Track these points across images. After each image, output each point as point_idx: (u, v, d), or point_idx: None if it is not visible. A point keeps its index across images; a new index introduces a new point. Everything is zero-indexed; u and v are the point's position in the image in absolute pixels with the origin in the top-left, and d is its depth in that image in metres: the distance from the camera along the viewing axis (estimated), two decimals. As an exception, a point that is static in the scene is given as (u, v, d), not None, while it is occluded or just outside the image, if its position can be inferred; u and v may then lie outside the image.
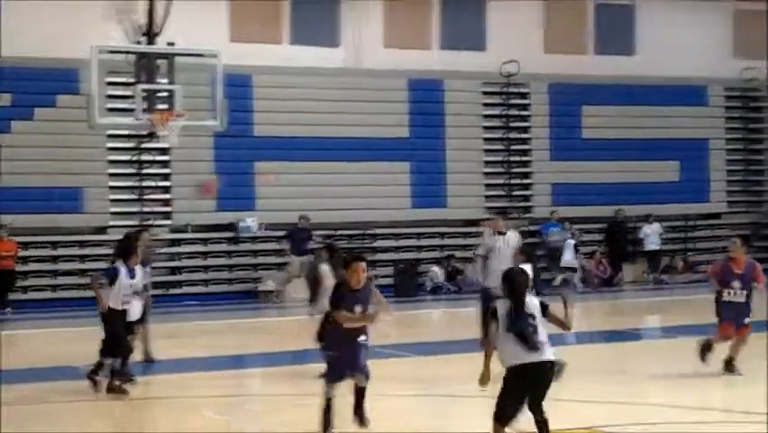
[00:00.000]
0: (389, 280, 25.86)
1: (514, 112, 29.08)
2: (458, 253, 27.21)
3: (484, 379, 9.00)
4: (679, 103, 30.26)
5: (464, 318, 22.14)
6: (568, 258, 26.72)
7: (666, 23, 30.21)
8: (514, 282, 8.91)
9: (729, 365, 13.58)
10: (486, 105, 28.90)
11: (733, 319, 13.47)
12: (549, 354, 8.77)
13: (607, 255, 28.48)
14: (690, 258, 29.37)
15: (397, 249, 27.06)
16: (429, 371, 14.88)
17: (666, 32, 30.12)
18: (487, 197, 28.52)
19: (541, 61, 29.01)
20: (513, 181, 28.91)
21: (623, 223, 28.67)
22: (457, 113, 28.44)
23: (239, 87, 25.30)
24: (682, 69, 29.90)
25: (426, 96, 28.24)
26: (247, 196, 26.36)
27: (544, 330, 8.81)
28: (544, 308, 8.88)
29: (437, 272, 26.96)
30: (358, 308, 10.29)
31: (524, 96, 29.24)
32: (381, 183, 27.39)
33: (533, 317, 8.77)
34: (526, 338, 8.67)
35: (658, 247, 28.87)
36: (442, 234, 27.92)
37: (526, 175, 29.10)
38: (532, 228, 27.98)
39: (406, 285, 26.28)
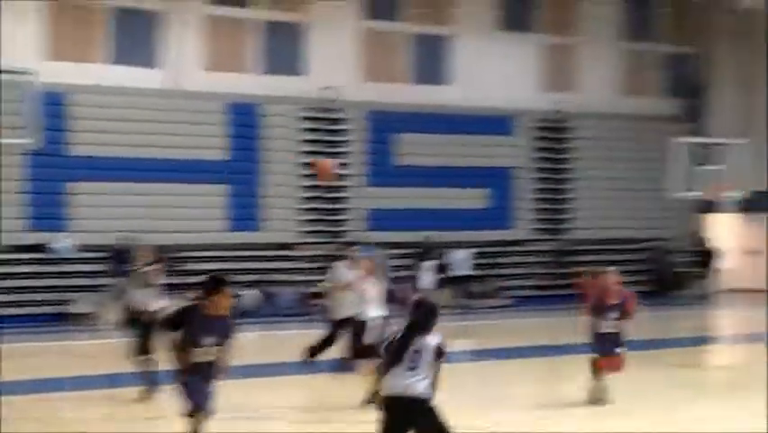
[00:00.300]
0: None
1: (331, 137, 29.56)
2: (272, 277, 27.45)
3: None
4: (489, 132, 31.29)
5: (278, 341, 22.42)
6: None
7: (481, 55, 31.21)
8: (418, 315, 8.76)
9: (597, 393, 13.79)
10: (304, 129, 29.24)
11: (608, 351, 13.72)
12: (420, 391, 8.50)
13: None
14: (497, 284, 30.28)
15: (211, 272, 26.96)
16: (243, 394, 15.00)
17: (480, 64, 31.14)
18: (302, 221, 28.86)
19: (360, 89, 29.59)
20: (328, 206, 29.35)
21: (432, 248, 29.36)
22: (275, 137, 28.71)
23: (54, 105, 24.98)
24: (494, 99, 30.95)
25: (244, 120, 28.40)
26: (60, 216, 25.97)
27: (426, 370, 8.55)
28: (439, 352, 8.62)
29: (251, 296, 27.07)
30: (210, 340, 9.07)
31: (341, 121, 29.74)
32: (198, 205, 27.39)
33: (420, 352, 8.57)
34: (405, 370, 8.51)
35: (467, 273, 29.69)
36: (257, 258, 28.09)
37: (342, 199, 29.57)
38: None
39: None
